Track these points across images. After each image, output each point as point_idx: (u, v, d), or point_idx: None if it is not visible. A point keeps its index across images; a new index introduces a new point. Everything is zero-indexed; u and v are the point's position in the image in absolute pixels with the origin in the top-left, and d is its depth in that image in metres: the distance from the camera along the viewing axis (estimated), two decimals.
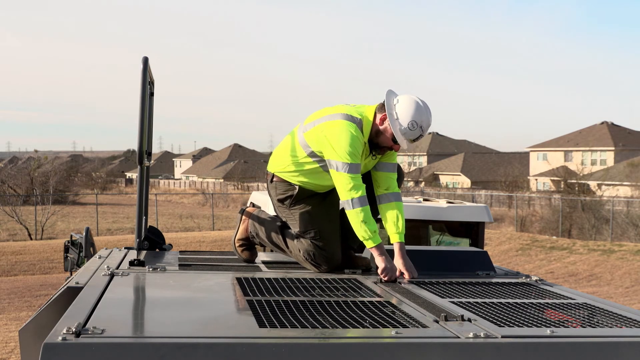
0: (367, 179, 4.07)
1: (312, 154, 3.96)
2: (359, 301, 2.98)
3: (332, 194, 4.09)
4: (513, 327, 2.53)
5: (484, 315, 2.70)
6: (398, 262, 3.80)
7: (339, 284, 3.47)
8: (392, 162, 4.10)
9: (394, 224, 3.96)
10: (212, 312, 2.76)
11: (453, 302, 2.96)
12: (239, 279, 3.43)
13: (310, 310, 2.73)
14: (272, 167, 4.18)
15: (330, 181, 3.97)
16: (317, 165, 3.97)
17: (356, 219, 3.81)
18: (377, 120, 3.90)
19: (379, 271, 3.71)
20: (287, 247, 4.13)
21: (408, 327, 2.51)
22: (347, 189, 3.82)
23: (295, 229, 4.06)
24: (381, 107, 3.91)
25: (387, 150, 3.98)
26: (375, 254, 3.77)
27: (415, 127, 3.80)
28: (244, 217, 4.34)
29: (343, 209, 4.18)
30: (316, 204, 4.06)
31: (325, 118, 3.94)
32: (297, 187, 4.04)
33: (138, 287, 3.31)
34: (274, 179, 4.14)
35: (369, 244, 3.81)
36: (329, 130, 3.87)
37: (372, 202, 4.03)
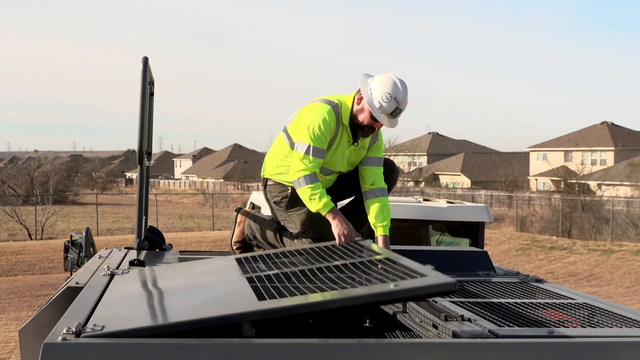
0: (356, 177, 4.09)
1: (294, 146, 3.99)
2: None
3: (328, 192, 4.10)
4: (513, 327, 2.53)
5: (484, 315, 2.70)
6: None
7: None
8: (377, 157, 4.10)
9: (377, 218, 3.97)
10: (213, 294, 2.76)
11: (453, 302, 2.96)
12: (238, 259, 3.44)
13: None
14: (265, 171, 4.21)
15: (320, 176, 3.98)
16: None
17: (304, 195, 3.85)
18: (355, 102, 3.94)
19: (335, 235, 3.73)
20: (285, 247, 4.12)
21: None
22: (297, 169, 3.85)
23: (294, 230, 4.06)
24: (359, 91, 3.96)
25: (369, 132, 3.97)
26: (330, 218, 3.79)
27: (390, 99, 3.81)
28: (239, 219, 4.34)
29: (342, 208, 4.19)
30: None
31: (305, 105, 4.01)
32: (290, 187, 4.05)
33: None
34: (268, 183, 4.16)
35: (323, 212, 3.82)
36: (304, 113, 3.94)
37: (360, 198, 4.09)
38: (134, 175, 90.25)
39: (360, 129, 3.94)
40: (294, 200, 4.04)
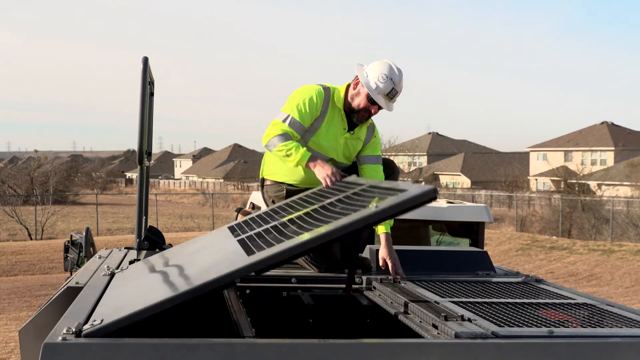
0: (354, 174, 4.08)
1: None
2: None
3: None
4: (513, 327, 2.53)
5: (484, 315, 2.69)
6: (383, 252, 3.80)
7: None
8: (375, 155, 4.11)
9: None
10: (205, 263, 2.76)
11: (453, 302, 2.95)
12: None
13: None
14: (262, 172, 4.23)
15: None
16: None
17: (280, 154, 3.81)
18: (352, 87, 4.01)
19: (321, 179, 3.67)
20: None
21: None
22: (269, 132, 3.85)
23: None
24: (355, 78, 4.03)
25: (365, 116, 4.01)
26: (311, 167, 3.75)
27: (386, 79, 3.88)
28: (239, 219, 4.34)
29: None
30: None
31: None
32: (285, 187, 4.05)
33: None
34: (266, 183, 4.18)
35: (303, 163, 3.77)
36: (294, 92, 4.00)
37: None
38: (134, 175, 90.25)
39: (356, 113, 3.99)
40: (290, 199, 4.04)
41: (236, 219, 4.35)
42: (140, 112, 3.86)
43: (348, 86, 4.06)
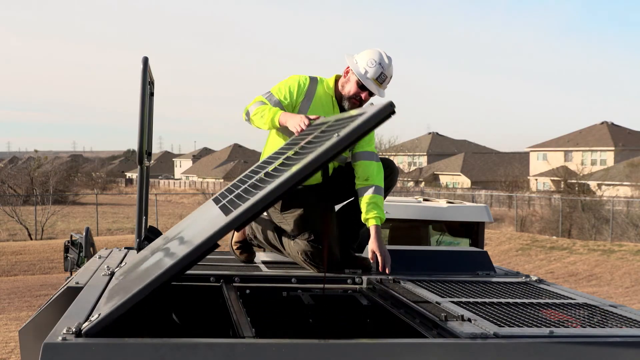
0: (351, 174, 4.04)
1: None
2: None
3: (324, 192, 4.08)
4: (513, 327, 2.53)
5: (484, 315, 2.69)
6: (373, 245, 3.76)
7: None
8: (369, 151, 4.03)
9: (368, 212, 3.85)
10: (190, 235, 2.71)
11: (453, 302, 2.95)
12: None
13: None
14: None
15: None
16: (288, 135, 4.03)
17: (256, 117, 3.96)
18: (343, 75, 4.11)
19: (292, 129, 3.75)
20: (284, 248, 4.09)
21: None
22: (247, 106, 4.03)
23: (290, 232, 4.01)
24: (345, 68, 4.13)
25: (357, 104, 4.06)
26: (283, 121, 3.84)
27: (375, 64, 3.99)
28: None
29: (340, 208, 4.17)
30: (308, 204, 3.96)
31: None
32: None
33: None
34: None
35: (276, 120, 3.88)
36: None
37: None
38: (134, 175, 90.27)
39: (347, 101, 4.06)
40: (287, 202, 4.00)
41: None
42: (140, 112, 3.86)
43: (338, 77, 4.14)
